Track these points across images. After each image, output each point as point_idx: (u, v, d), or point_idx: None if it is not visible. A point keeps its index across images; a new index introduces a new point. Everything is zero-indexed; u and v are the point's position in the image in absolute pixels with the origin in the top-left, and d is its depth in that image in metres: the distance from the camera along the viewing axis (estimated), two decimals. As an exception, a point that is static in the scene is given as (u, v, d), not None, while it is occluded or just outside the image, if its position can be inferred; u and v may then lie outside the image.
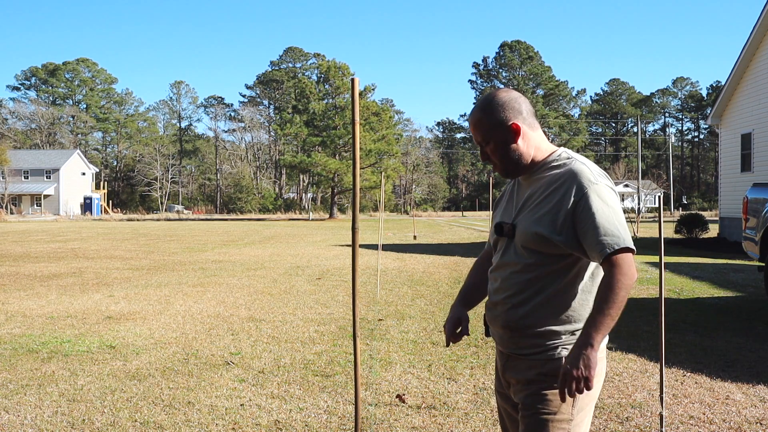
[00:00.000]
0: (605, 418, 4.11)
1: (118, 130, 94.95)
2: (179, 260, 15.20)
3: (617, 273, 1.89)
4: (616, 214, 1.95)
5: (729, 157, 20.42)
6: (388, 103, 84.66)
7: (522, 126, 2.05)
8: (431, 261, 14.63)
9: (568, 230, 1.95)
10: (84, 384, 4.89)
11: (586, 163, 2.04)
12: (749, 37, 18.48)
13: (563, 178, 2.00)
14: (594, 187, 1.96)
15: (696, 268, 12.62)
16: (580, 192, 1.95)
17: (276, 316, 7.72)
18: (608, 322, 1.88)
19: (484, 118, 2.06)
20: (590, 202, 1.94)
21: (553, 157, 2.08)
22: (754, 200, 8.66)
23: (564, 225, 1.95)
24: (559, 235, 1.95)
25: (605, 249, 1.90)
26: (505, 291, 2.06)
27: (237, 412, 4.27)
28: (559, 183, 2.00)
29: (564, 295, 2.00)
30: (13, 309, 8.27)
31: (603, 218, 1.92)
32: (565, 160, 2.06)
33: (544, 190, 2.02)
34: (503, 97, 2.07)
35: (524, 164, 2.08)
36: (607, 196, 1.96)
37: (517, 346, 2.06)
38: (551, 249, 1.98)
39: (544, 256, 1.99)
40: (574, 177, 1.98)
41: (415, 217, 47.27)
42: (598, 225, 1.91)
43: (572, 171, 2.00)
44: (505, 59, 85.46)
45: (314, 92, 54.99)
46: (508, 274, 2.06)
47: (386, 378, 5.03)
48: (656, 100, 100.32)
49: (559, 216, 1.96)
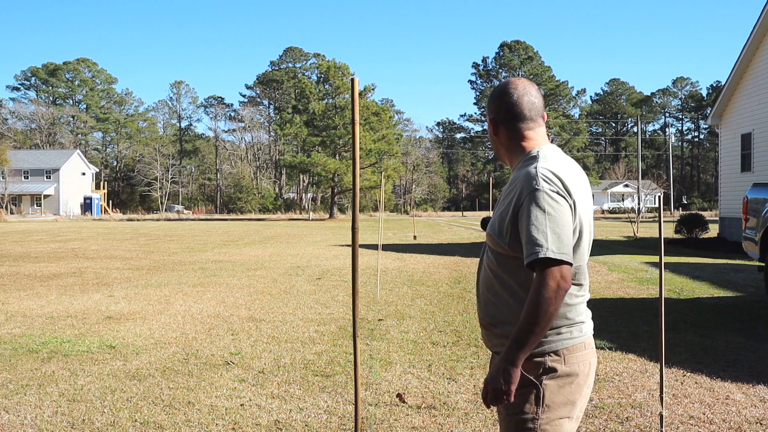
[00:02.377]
0: (605, 418, 4.10)
1: (118, 130, 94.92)
2: (179, 260, 15.20)
3: (537, 285, 1.84)
4: (552, 222, 1.87)
5: (729, 157, 20.42)
6: (388, 103, 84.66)
7: (497, 122, 2.14)
8: (431, 261, 14.63)
9: (512, 233, 1.97)
10: (84, 384, 4.89)
11: (540, 165, 1.99)
12: (749, 37, 18.48)
13: (516, 181, 2.02)
14: (535, 193, 1.91)
15: (696, 268, 12.62)
16: (521, 197, 1.95)
17: (276, 316, 7.72)
18: (532, 339, 1.85)
19: (489, 99, 2.19)
20: (524, 208, 1.92)
21: (523, 156, 2.10)
22: (754, 200, 8.66)
23: (507, 228, 1.98)
24: (504, 237, 1.99)
25: (526, 258, 1.88)
26: (478, 288, 2.17)
27: (237, 412, 4.27)
28: (513, 185, 2.03)
29: (520, 294, 2.01)
30: (13, 309, 8.27)
31: (532, 225, 1.88)
32: (525, 161, 2.07)
33: (505, 191, 2.08)
34: (499, 89, 2.14)
35: (502, 156, 2.19)
36: (545, 202, 1.89)
37: (491, 344, 2.13)
38: (501, 249, 2.03)
39: (500, 255, 2.05)
40: (521, 181, 1.98)
41: (415, 217, 47.27)
42: (529, 233, 1.88)
43: (522, 174, 2.00)
44: (505, 59, 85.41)
45: (314, 92, 54.96)
46: (482, 273, 2.15)
47: (386, 378, 5.03)
48: (656, 100, 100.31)
49: (505, 219, 1.99)
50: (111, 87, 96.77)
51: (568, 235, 1.89)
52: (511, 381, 1.88)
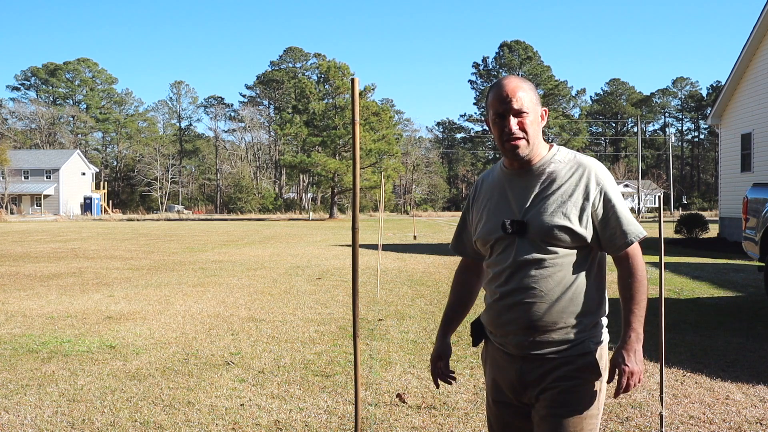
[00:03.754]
0: (605, 418, 4.11)
1: (118, 130, 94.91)
2: (179, 260, 15.20)
3: (638, 263, 2.00)
4: (627, 208, 2.05)
5: (729, 157, 20.42)
6: (388, 103, 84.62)
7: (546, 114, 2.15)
8: (431, 261, 14.63)
9: (589, 221, 1.99)
10: (84, 384, 4.89)
11: (591, 158, 2.12)
12: (749, 37, 18.48)
13: (576, 171, 2.03)
14: (609, 180, 2.03)
15: (696, 268, 12.62)
16: (598, 184, 2.01)
17: (276, 316, 7.72)
18: (644, 312, 1.98)
19: (531, 90, 2.07)
20: (609, 195, 2.01)
21: (554, 151, 2.10)
22: (754, 200, 8.66)
23: (586, 216, 1.99)
24: (582, 226, 1.98)
25: (629, 238, 1.99)
26: (527, 290, 1.99)
27: (237, 412, 4.27)
28: (574, 176, 2.02)
29: (585, 287, 2.01)
30: (13, 309, 8.27)
31: (623, 209, 2.01)
32: (568, 154, 2.09)
33: (557, 183, 2.02)
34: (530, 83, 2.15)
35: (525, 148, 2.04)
36: (618, 190, 2.05)
37: (541, 346, 2.00)
38: (573, 242, 1.99)
39: (564, 249, 1.99)
40: (589, 170, 2.03)
41: (415, 217, 47.27)
42: (620, 216, 2.00)
43: (584, 164, 2.05)
44: (505, 59, 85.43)
45: (314, 92, 54.96)
46: (526, 273, 2.00)
47: (386, 378, 5.03)
48: (656, 100, 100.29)
49: (581, 207, 1.99)
50: (111, 87, 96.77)
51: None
52: (642, 359, 1.99)
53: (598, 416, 2.01)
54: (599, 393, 2.01)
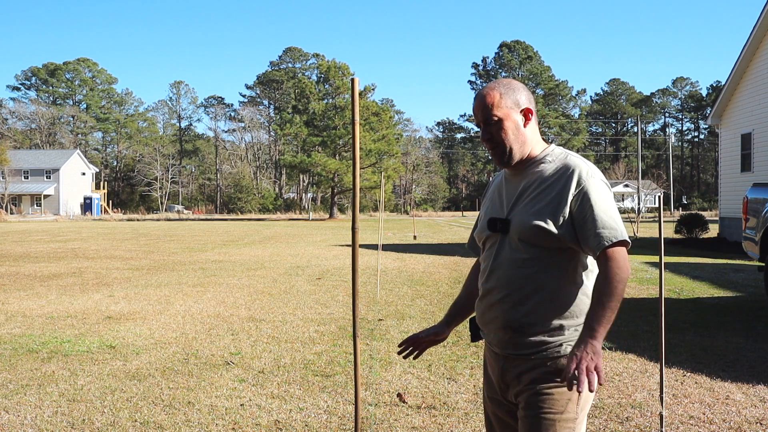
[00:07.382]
0: (605, 418, 4.10)
1: (118, 130, 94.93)
2: (179, 260, 15.20)
3: (614, 266, 1.89)
4: (613, 208, 1.97)
5: (729, 157, 20.41)
6: (388, 103, 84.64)
7: (533, 113, 2.08)
8: (431, 261, 14.63)
9: (567, 223, 1.95)
10: (84, 384, 4.89)
11: (578, 156, 2.07)
12: (749, 37, 18.48)
13: (561, 171, 2.01)
14: (592, 180, 1.97)
15: (696, 268, 12.62)
16: (579, 185, 1.96)
17: (276, 316, 7.72)
18: (609, 315, 1.88)
19: (505, 95, 2.04)
20: (589, 195, 1.95)
21: (547, 151, 2.08)
22: (754, 200, 8.66)
23: (563, 217, 1.95)
24: (559, 227, 1.95)
25: (603, 242, 1.91)
26: (504, 289, 2.01)
27: (237, 412, 4.27)
28: (557, 176, 2.00)
29: (564, 289, 1.98)
30: (13, 309, 8.27)
31: (601, 211, 1.93)
32: (560, 154, 2.07)
33: (540, 183, 2.02)
34: (520, 83, 2.11)
35: (525, 151, 2.06)
36: (604, 190, 1.99)
37: (518, 347, 2.00)
38: (550, 242, 1.96)
39: (543, 249, 1.97)
40: (573, 170, 1.99)
41: (415, 217, 47.26)
42: (596, 218, 1.93)
43: (570, 165, 2.01)
44: (505, 59, 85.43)
45: (314, 92, 54.97)
46: (505, 272, 2.01)
47: (386, 378, 5.03)
48: (656, 100, 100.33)
49: (558, 208, 1.96)
50: (111, 87, 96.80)
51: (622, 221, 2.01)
52: (598, 353, 1.85)
53: (576, 420, 1.96)
54: (578, 397, 1.96)
